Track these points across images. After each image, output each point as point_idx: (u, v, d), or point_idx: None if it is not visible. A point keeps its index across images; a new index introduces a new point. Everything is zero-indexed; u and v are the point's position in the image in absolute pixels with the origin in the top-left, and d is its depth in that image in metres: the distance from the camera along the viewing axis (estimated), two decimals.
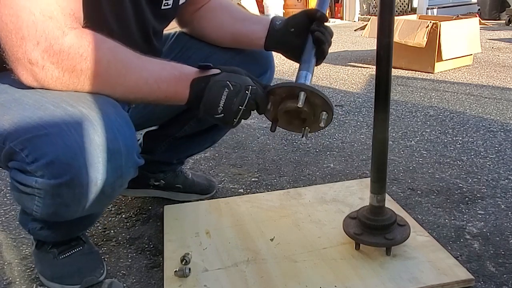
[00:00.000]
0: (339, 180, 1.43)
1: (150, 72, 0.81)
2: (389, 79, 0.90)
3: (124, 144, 0.76)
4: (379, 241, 0.97)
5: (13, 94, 0.77)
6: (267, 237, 1.08)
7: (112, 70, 0.77)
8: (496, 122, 1.94)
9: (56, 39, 0.71)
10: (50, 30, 0.70)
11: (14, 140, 0.73)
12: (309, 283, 0.92)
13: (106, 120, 0.75)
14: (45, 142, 0.71)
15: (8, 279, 1.02)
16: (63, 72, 0.73)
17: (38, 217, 0.83)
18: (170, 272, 0.96)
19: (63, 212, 0.81)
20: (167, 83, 0.82)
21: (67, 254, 1.00)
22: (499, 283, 0.94)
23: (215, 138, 1.30)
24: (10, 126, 0.73)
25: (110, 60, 0.77)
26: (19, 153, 0.73)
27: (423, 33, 2.79)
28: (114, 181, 0.77)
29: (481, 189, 1.35)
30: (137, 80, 0.79)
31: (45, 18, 0.70)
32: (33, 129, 0.72)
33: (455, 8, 6.18)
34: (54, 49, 0.71)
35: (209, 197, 1.35)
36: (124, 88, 0.80)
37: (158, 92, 0.81)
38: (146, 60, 0.82)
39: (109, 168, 0.75)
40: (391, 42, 0.87)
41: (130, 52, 0.80)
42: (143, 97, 0.82)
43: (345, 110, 2.20)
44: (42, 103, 0.74)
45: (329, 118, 0.88)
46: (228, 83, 0.82)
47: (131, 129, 0.79)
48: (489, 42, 3.99)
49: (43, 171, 0.72)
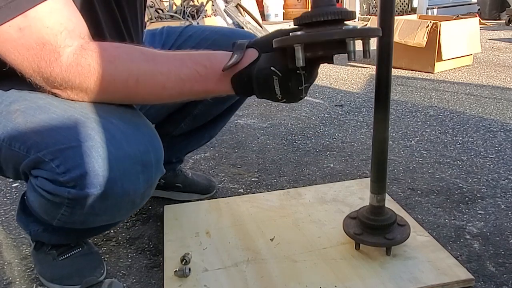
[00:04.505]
0: (339, 180, 1.43)
1: (167, 74, 0.74)
2: (389, 79, 0.90)
3: (155, 156, 0.76)
4: (379, 241, 0.97)
5: (36, 101, 0.76)
6: (267, 237, 1.08)
7: (119, 83, 0.73)
8: (496, 122, 1.93)
9: (54, 62, 0.69)
10: (47, 56, 0.69)
11: (42, 149, 0.72)
12: (309, 283, 0.92)
13: (137, 132, 0.75)
14: (78, 154, 0.70)
15: (8, 279, 1.02)
16: (73, 90, 0.73)
17: (59, 225, 0.82)
18: (170, 272, 0.96)
19: (90, 221, 0.81)
20: (190, 82, 0.75)
21: (66, 256, 1.00)
22: (499, 283, 0.94)
23: (212, 133, 1.30)
24: (36, 135, 0.73)
25: (112, 73, 0.72)
26: (48, 163, 0.71)
27: (423, 33, 2.79)
28: (144, 192, 0.78)
29: (481, 189, 1.35)
30: (153, 88, 0.74)
31: (40, 46, 0.69)
32: (64, 139, 0.71)
33: (455, 8, 6.18)
34: (56, 72, 0.70)
35: (209, 197, 1.35)
36: (140, 97, 0.77)
37: (184, 92, 0.76)
38: (160, 60, 0.75)
39: (142, 179, 0.75)
40: (391, 42, 0.87)
41: (136, 57, 0.74)
42: (168, 99, 0.78)
43: (345, 110, 2.20)
44: (70, 113, 0.73)
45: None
46: (273, 70, 0.72)
47: (159, 141, 0.79)
48: (489, 42, 3.99)
49: (77, 182, 0.71)
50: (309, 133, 1.89)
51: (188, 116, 1.19)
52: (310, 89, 0.80)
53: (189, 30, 1.14)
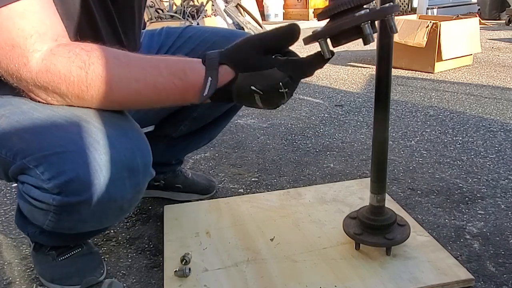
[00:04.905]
0: (339, 180, 1.43)
1: (142, 82, 0.71)
2: (389, 79, 0.90)
3: (142, 161, 0.75)
4: (379, 241, 0.97)
5: (20, 106, 0.74)
6: (267, 237, 1.08)
7: (92, 89, 0.70)
8: (496, 122, 1.93)
9: (24, 67, 0.68)
10: (16, 59, 0.67)
11: (27, 156, 0.71)
12: (309, 283, 0.92)
13: (123, 136, 0.73)
14: (63, 160, 0.69)
15: (8, 279, 1.02)
16: (48, 94, 0.71)
17: (49, 230, 0.81)
18: (170, 272, 0.96)
19: (79, 227, 0.80)
20: (166, 92, 0.73)
21: (66, 256, 0.99)
22: (499, 283, 0.94)
23: (212, 135, 1.30)
24: (20, 141, 0.72)
25: (83, 80, 0.69)
26: (32, 169, 0.71)
27: (423, 33, 2.79)
28: (132, 197, 0.77)
29: (481, 189, 1.35)
30: (128, 95, 0.72)
31: (9, 47, 0.67)
32: (48, 146, 0.70)
33: (455, 8, 6.18)
34: (26, 77, 0.69)
35: (209, 197, 1.35)
36: (116, 103, 0.74)
37: (162, 101, 0.75)
38: (134, 67, 0.72)
39: (128, 185, 0.74)
40: (391, 42, 0.87)
41: (110, 62, 0.70)
42: (145, 106, 0.77)
43: (345, 110, 2.20)
44: (54, 118, 0.72)
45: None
46: (253, 89, 0.71)
47: (147, 144, 0.77)
48: (489, 42, 3.99)
49: (61, 189, 0.70)
50: (309, 133, 1.89)
51: (188, 118, 1.19)
52: (310, 89, 0.80)
53: (188, 31, 1.13)
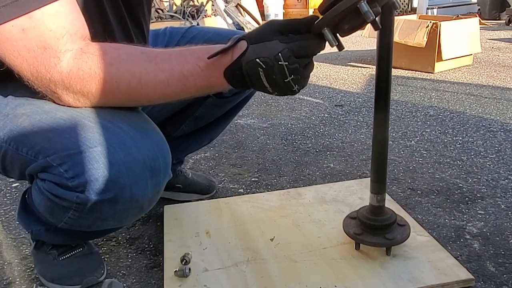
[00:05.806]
0: (339, 180, 1.43)
1: (169, 72, 0.72)
2: (389, 79, 0.90)
3: (163, 162, 0.77)
4: (379, 241, 0.97)
5: (41, 106, 0.75)
6: (267, 237, 1.08)
7: (122, 85, 0.72)
8: (496, 122, 1.93)
9: (54, 68, 0.69)
10: (47, 61, 0.68)
11: (50, 154, 0.72)
12: (309, 283, 0.92)
13: (146, 137, 0.75)
14: (88, 159, 0.70)
15: (8, 279, 1.02)
16: (74, 95, 0.72)
17: (64, 226, 0.82)
18: (170, 272, 0.96)
19: (97, 225, 0.81)
20: (193, 77, 0.73)
21: (67, 256, 1.00)
22: (499, 283, 0.94)
23: (213, 136, 1.30)
24: (43, 140, 0.73)
25: (114, 76, 0.71)
26: (56, 168, 0.72)
27: (423, 33, 2.79)
28: (151, 197, 0.78)
29: (481, 189, 1.35)
30: (156, 86, 0.73)
31: (41, 50, 0.68)
32: (73, 145, 0.71)
33: (455, 8, 6.18)
34: (55, 79, 0.69)
35: (209, 197, 1.35)
36: (144, 98, 0.75)
37: (187, 89, 0.74)
38: (161, 58, 0.74)
39: (150, 185, 0.76)
40: (391, 42, 0.87)
41: (137, 57, 0.73)
42: (173, 97, 0.76)
43: (345, 110, 2.20)
44: (78, 118, 0.73)
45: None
46: (257, 62, 0.69)
47: (167, 145, 0.79)
48: (489, 42, 3.99)
49: (85, 187, 0.71)
50: (309, 133, 1.89)
51: (189, 118, 1.19)
52: (310, 89, 0.80)
53: (192, 31, 1.14)
